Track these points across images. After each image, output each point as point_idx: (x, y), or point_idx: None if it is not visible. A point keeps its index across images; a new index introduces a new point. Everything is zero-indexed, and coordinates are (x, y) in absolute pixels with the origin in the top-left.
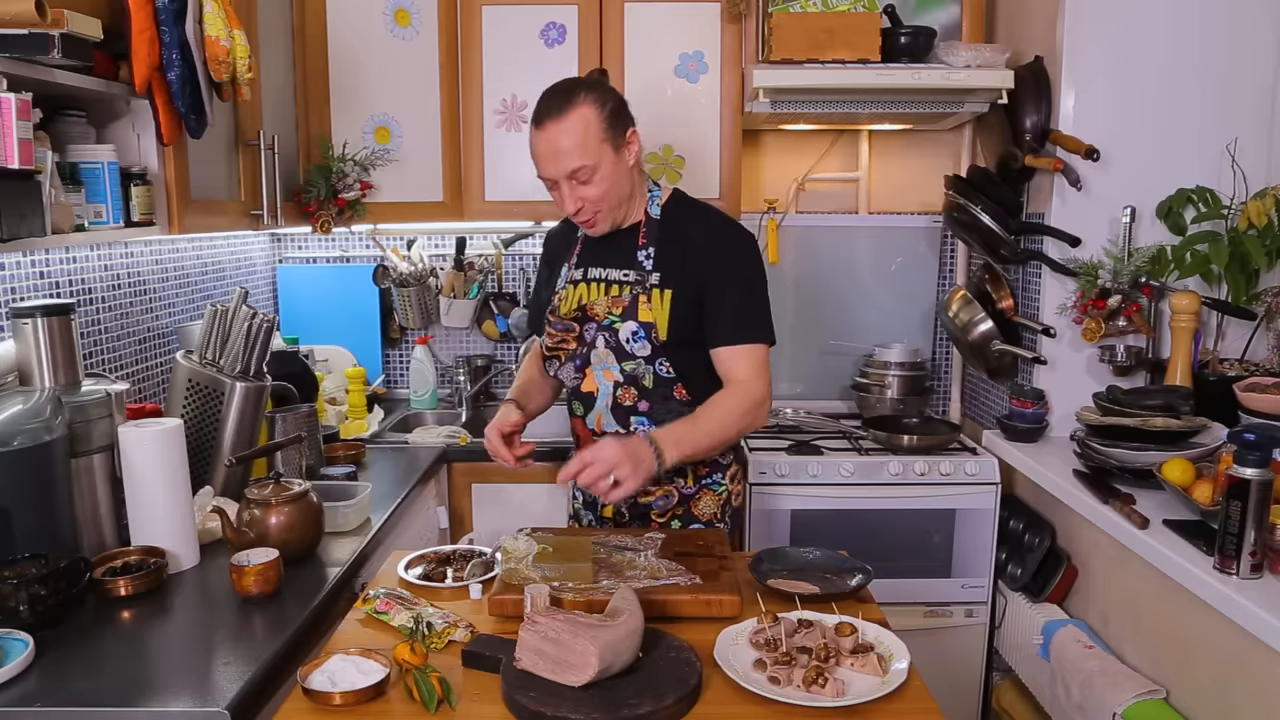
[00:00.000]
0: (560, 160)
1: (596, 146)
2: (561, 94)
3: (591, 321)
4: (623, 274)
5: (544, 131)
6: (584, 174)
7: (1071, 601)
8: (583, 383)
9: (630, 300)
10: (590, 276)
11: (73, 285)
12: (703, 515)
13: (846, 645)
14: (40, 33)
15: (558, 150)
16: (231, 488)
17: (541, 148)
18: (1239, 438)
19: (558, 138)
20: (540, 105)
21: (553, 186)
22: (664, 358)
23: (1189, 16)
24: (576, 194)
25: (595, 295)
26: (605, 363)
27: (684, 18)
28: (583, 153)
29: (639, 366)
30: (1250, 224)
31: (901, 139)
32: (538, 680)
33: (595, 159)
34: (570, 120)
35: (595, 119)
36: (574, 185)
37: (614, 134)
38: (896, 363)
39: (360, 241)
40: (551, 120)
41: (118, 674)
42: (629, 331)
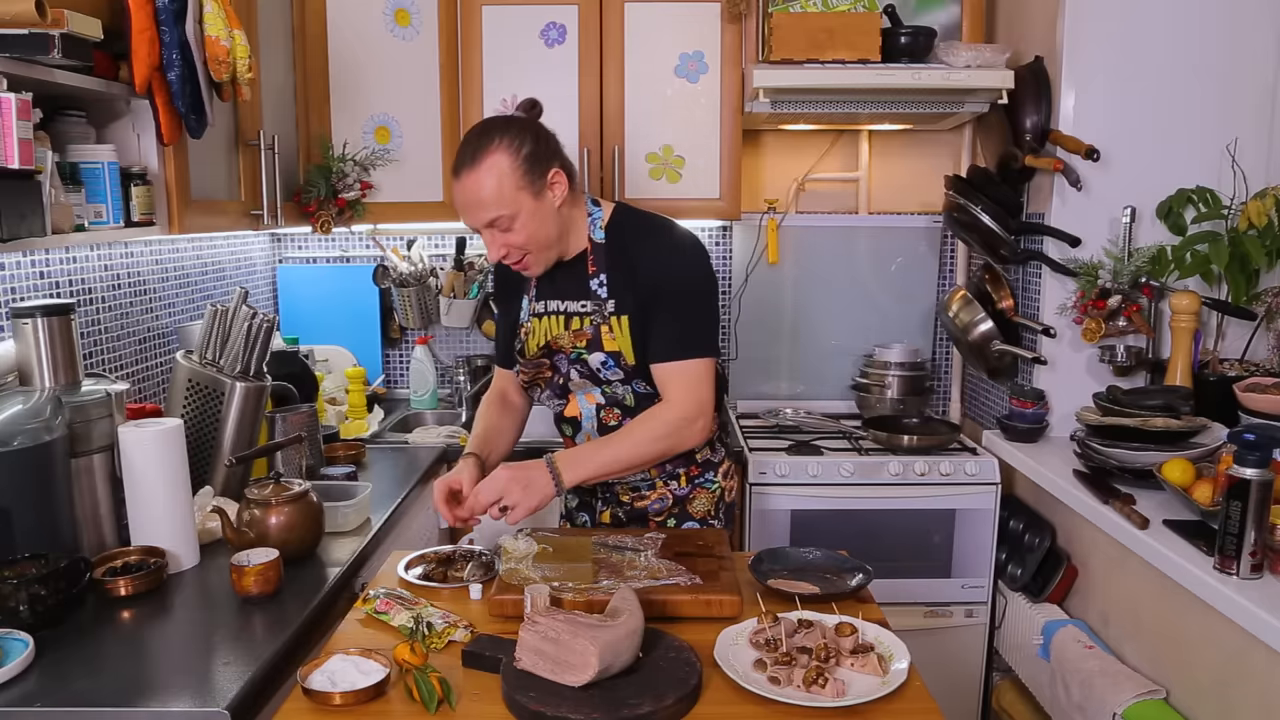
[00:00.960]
0: (476, 211)
1: (512, 195)
2: (474, 141)
3: (560, 354)
4: (580, 305)
5: (460, 182)
6: (503, 223)
7: (1071, 601)
8: (565, 408)
9: (593, 331)
10: (550, 309)
11: (73, 285)
12: (697, 514)
13: (846, 645)
14: (40, 33)
15: (472, 201)
16: (231, 488)
17: (459, 199)
18: (1239, 438)
19: (471, 188)
20: (458, 153)
21: (480, 234)
22: (638, 379)
23: (1189, 16)
24: (500, 241)
25: (557, 329)
26: (586, 387)
27: (684, 18)
28: (498, 203)
29: (618, 389)
30: (1250, 224)
31: (901, 139)
32: (538, 680)
33: (512, 208)
34: (482, 170)
35: (509, 167)
36: (495, 233)
37: (532, 179)
38: (896, 363)
39: (360, 241)
40: (466, 170)
41: (118, 674)
42: (597, 362)
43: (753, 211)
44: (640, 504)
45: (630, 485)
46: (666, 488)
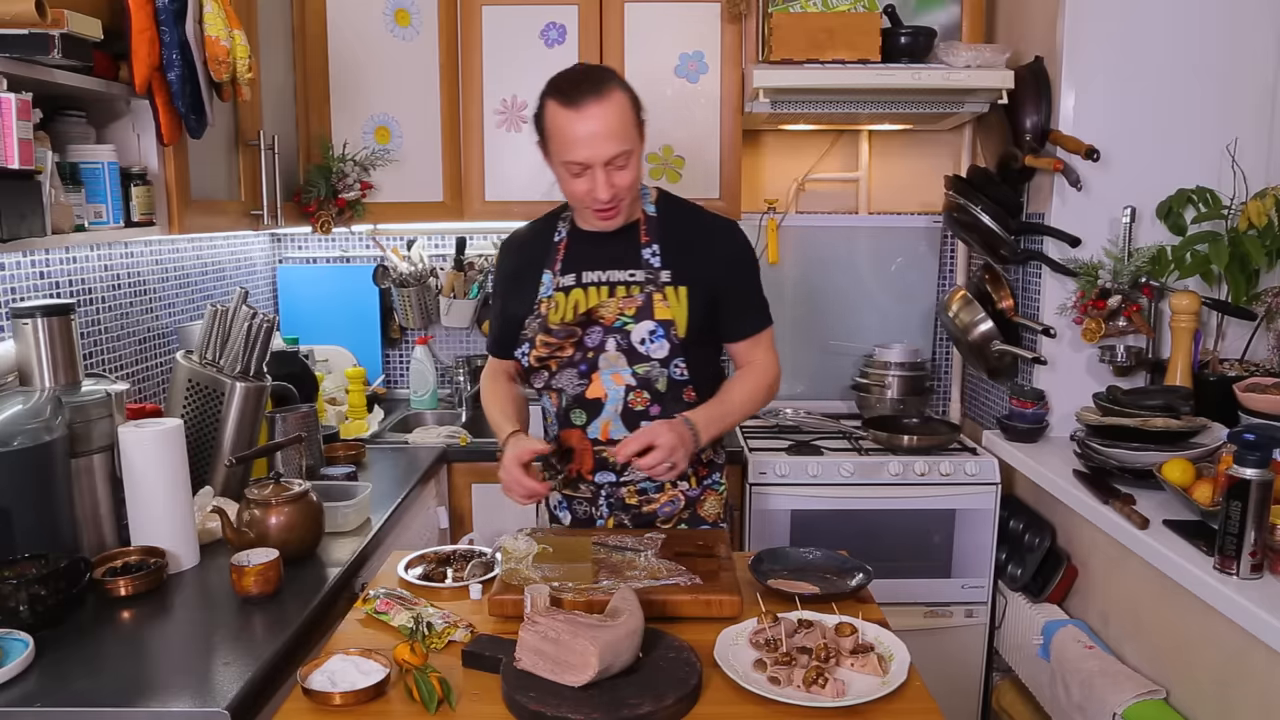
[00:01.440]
0: (604, 143)
1: (632, 131)
2: (594, 76)
3: (596, 326)
4: (628, 274)
5: (582, 112)
6: (621, 159)
7: (1071, 601)
8: (587, 389)
9: (644, 299)
10: (586, 281)
11: (73, 285)
12: (709, 516)
13: (846, 645)
14: (40, 33)
15: (601, 132)
16: (231, 488)
17: (581, 129)
18: (1239, 438)
19: (600, 119)
20: (568, 86)
21: (580, 173)
22: (680, 358)
23: (1189, 16)
24: (611, 180)
25: (599, 298)
26: (615, 366)
27: (684, 18)
28: (624, 137)
29: (653, 369)
30: (1250, 224)
31: (901, 139)
32: (538, 680)
33: (632, 143)
34: (611, 102)
35: (628, 103)
36: (609, 171)
37: (639, 121)
38: (896, 363)
39: (360, 241)
40: (592, 101)
41: (118, 674)
42: (645, 331)
43: (753, 211)
44: (649, 508)
45: (638, 488)
46: (676, 489)
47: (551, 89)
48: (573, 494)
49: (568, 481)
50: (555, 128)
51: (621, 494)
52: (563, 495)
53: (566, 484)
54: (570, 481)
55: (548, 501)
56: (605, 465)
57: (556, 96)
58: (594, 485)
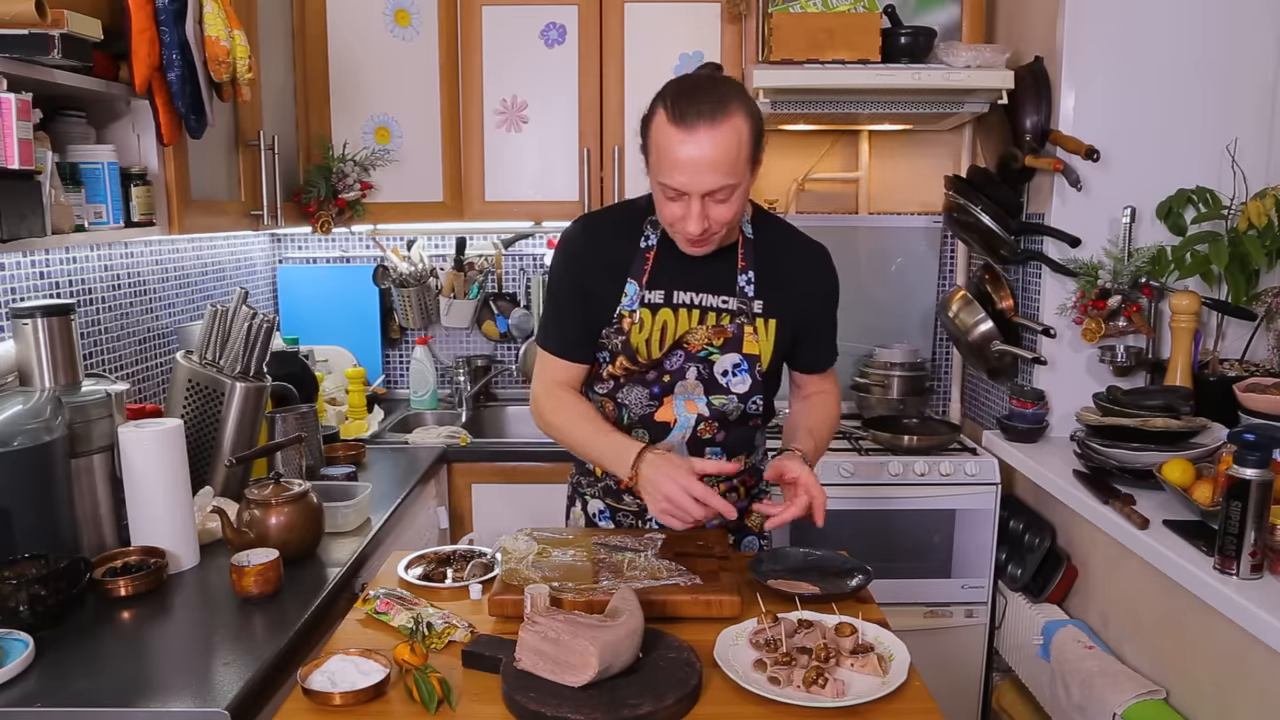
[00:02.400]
0: (706, 175)
1: (744, 165)
2: (715, 94)
3: (680, 350)
4: (721, 300)
5: (693, 135)
6: (723, 194)
7: (1071, 601)
8: (656, 411)
9: (735, 331)
10: (677, 301)
11: (73, 285)
12: (754, 527)
13: (846, 645)
14: (40, 33)
15: (705, 163)
16: (231, 488)
17: (685, 153)
18: (1239, 438)
19: (709, 148)
20: (684, 99)
21: (675, 198)
22: (760, 395)
23: (1189, 16)
24: (708, 213)
25: (689, 324)
26: (691, 394)
27: (684, 18)
28: (731, 170)
29: (729, 402)
30: (1250, 224)
31: (901, 139)
32: (538, 680)
33: (739, 179)
34: (725, 130)
35: (747, 134)
36: (707, 203)
37: (755, 153)
38: (896, 363)
39: (360, 241)
40: (705, 125)
41: (118, 674)
42: (729, 364)
43: None
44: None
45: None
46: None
47: (666, 95)
48: (616, 504)
49: (609, 491)
50: (658, 142)
51: None
52: (606, 504)
53: (608, 493)
54: (613, 491)
55: (586, 507)
56: None
57: (669, 107)
58: (639, 502)
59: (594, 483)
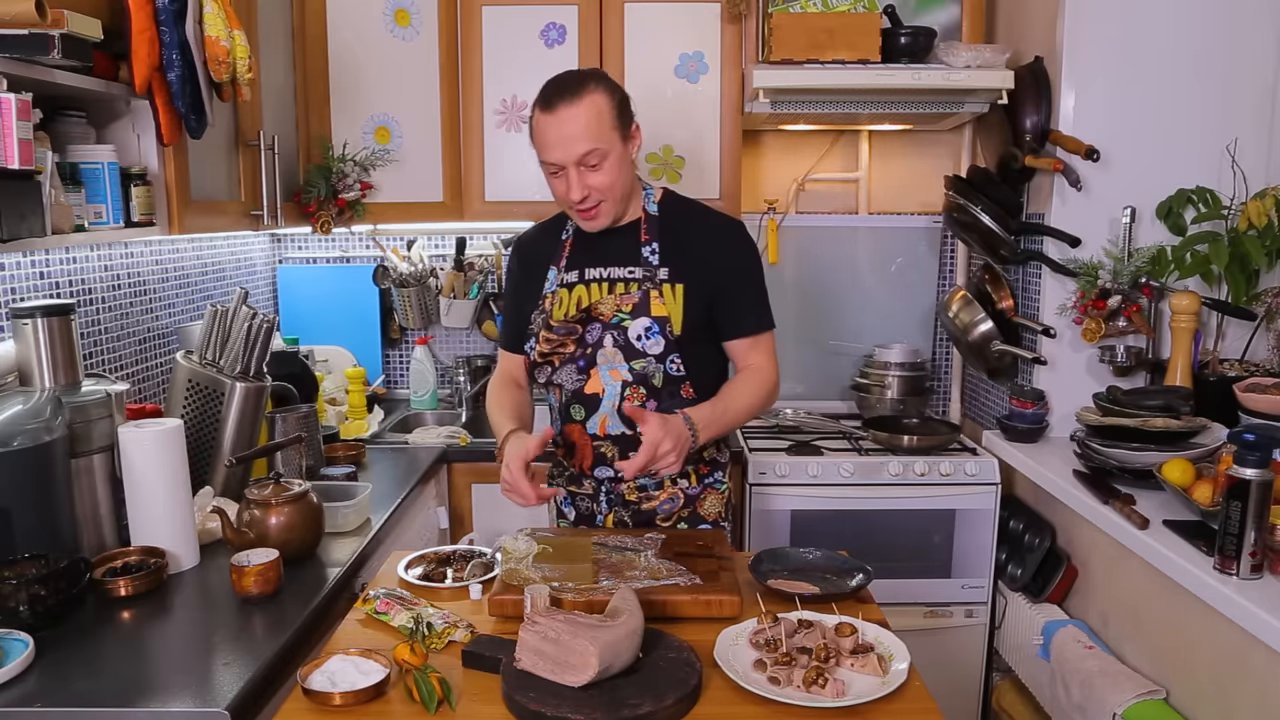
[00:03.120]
0: (572, 144)
1: (608, 133)
2: (573, 81)
3: (596, 322)
4: (627, 271)
5: (555, 114)
6: (594, 157)
7: (1071, 601)
8: (586, 384)
9: (641, 296)
10: (588, 278)
11: (73, 285)
12: (709, 515)
13: (846, 645)
14: (40, 33)
15: (571, 134)
16: (231, 488)
17: (552, 132)
18: (1239, 438)
19: (570, 121)
20: (549, 90)
21: (557, 173)
22: (676, 354)
23: (1189, 17)
24: (585, 180)
25: (598, 295)
26: (612, 362)
27: (684, 18)
28: (595, 137)
29: (649, 365)
30: (1250, 224)
31: (901, 139)
32: (538, 680)
33: (607, 144)
34: (584, 105)
35: (607, 106)
36: (582, 172)
37: (622, 124)
38: (896, 363)
39: (360, 241)
40: (564, 103)
41: (118, 674)
42: (641, 328)
43: (753, 211)
44: (648, 505)
45: (638, 484)
46: (676, 486)
47: (538, 94)
48: (576, 490)
49: (572, 478)
50: (535, 130)
51: (621, 490)
52: (567, 492)
53: (571, 480)
54: (575, 478)
55: (555, 497)
56: (604, 461)
57: (539, 99)
58: (595, 481)
59: (561, 471)
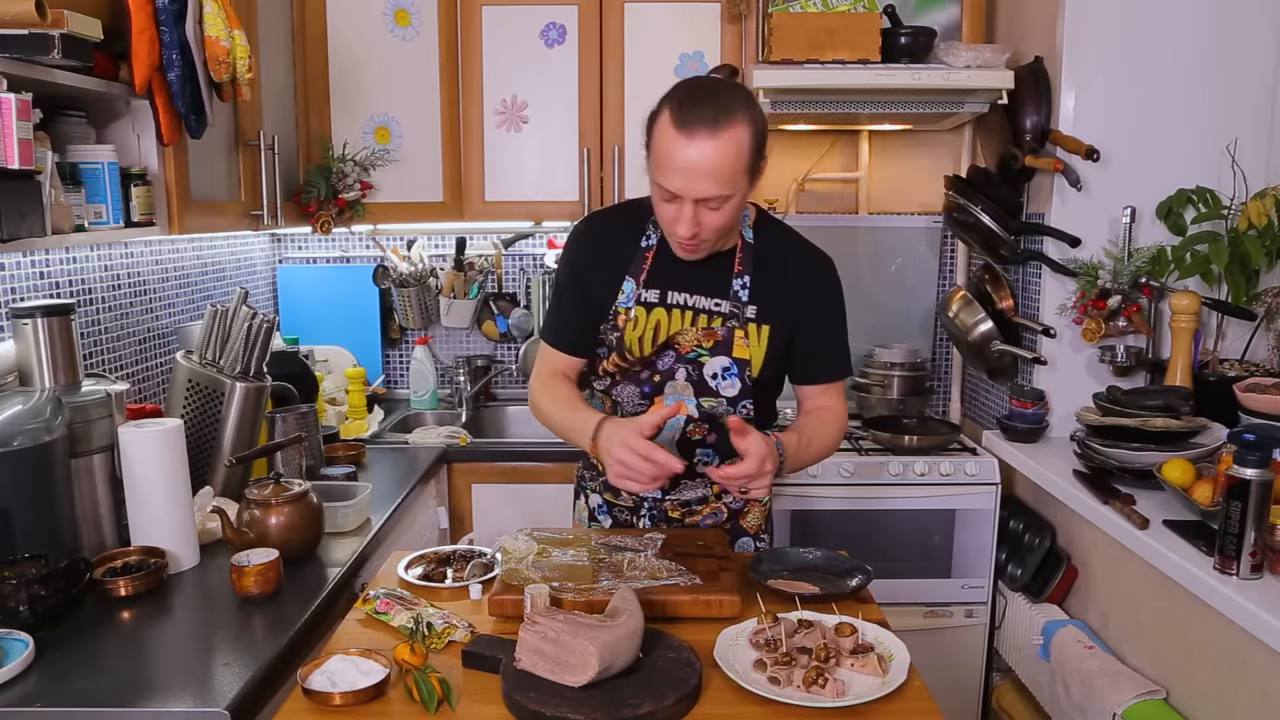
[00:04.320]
0: (701, 182)
1: (740, 175)
2: (719, 102)
3: (671, 351)
4: (714, 303)
5: (693, 141)
6: (717, 202)
7: (1071, 601)
8: (647, 410)
9: (725, 333)
10: (671, 302)
11: (73, 285)
12: (751, 529)
13: (846, 645)
14: (40, 33)
15: (702, 171)
16: (231, 488)
17: (682, 159)
18: (1239, 438)
19: (707, 157)
20: (689, 104)
21: (669, 199)
22: (750, 400)
23: (1189, 17)
24: (699, 218)
25: (680, 325)
26: (681, 395)
27: (684, 18)
28: (728, 181)
29: (719, 405)
30: (1250, 224)
31: (901, 139)
32: (538, 680)
33: (734, 189)
34: (725, 140)
35: (748, 145)
36: (700, 209)
37: (755, 163)
38: (896, 363)
39: (360, 241)
40: (705, 132)
41: (118, 674)
42: (719, 367)
43: None
44: (691, 519)
45: (681, 500)
46: (720, 501)
47: (673, 97)
48: (614, 500)
49: (610, 486)
50: (659, 143)
51: (665, 506)
52: (604, 500)
53: (608, 488)
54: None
55: (588, 501)
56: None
57: (673, 110)
58: (637, 496)
59: (595, 477)
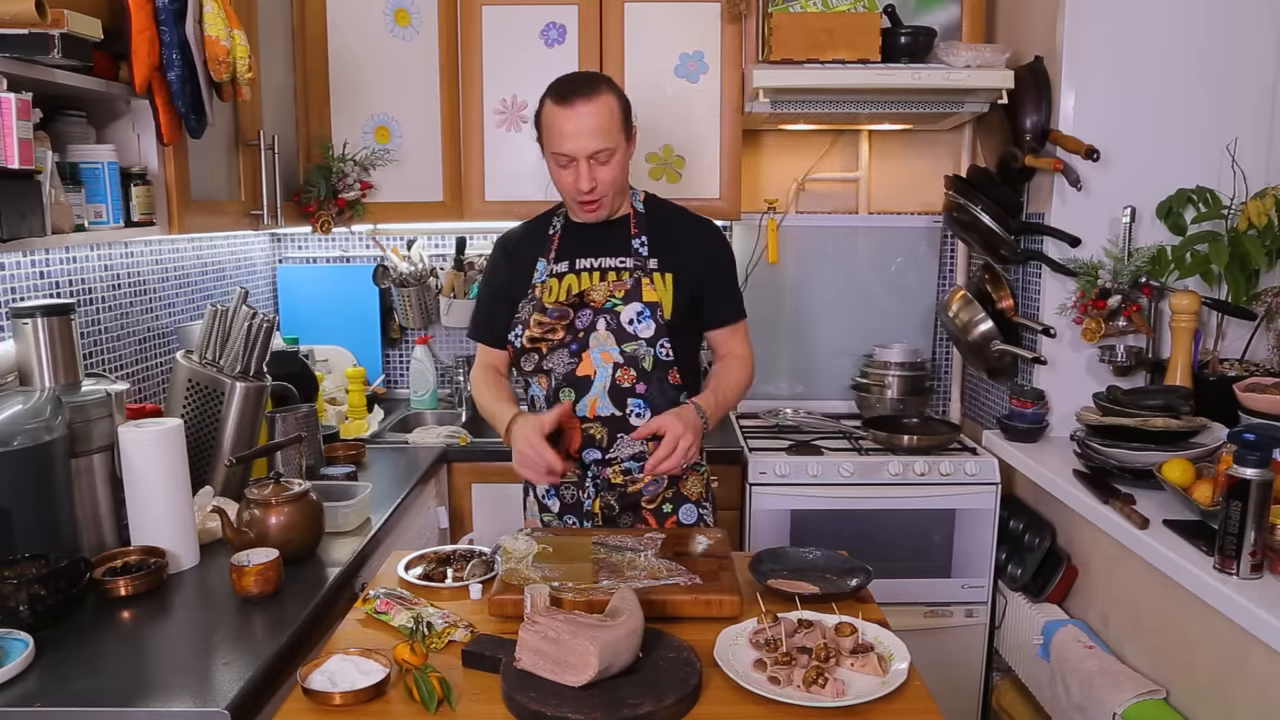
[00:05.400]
0: (587, 139)
1: (617, 132)
2: (587, 79)
3: (587, 308)
4: (618, 261)
5: (573, 109)
6: (604, 155)
7: (1071, 601)
8: (578, 367)
9: (633, 283)
10: (579, 267)
11: (73, 285)
12: (691, 495)
13: (846, 645)
14: (40, 33)
15: (586, 129)
16: (231, 488)
17: (569, 125)
18: (1239, 438)
19: (587, 117)
20: (564, 86)
21: (566, 164)
22: (666, 338)
23: (1189, 16)
24: (594, 174)
25: (590, 282)
26: (605, 345)
27: (684, 18)
28: (607, 135)
29: (640, 348)
30: (1250, 224)
31: (901, 139)
32: (538, 680)
33: (615, 143)
34: (599, 103)
35: (617, 107)
36: (592, 165)
37: (627, 124)
38: (896, 363)
39: (360, 241)
40: (581, 100)
41: (118, 674)
42: (633, 312)
43: (753, 211)
44: (634, 488)
45: (623, 467)
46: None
47: (550, 88)
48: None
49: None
50: (548, 122)
51: (607, 474)
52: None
53: None
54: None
55: (534, 489)
56: (592, 443)
57: (552, 95)
58: (581, 465)
59: None
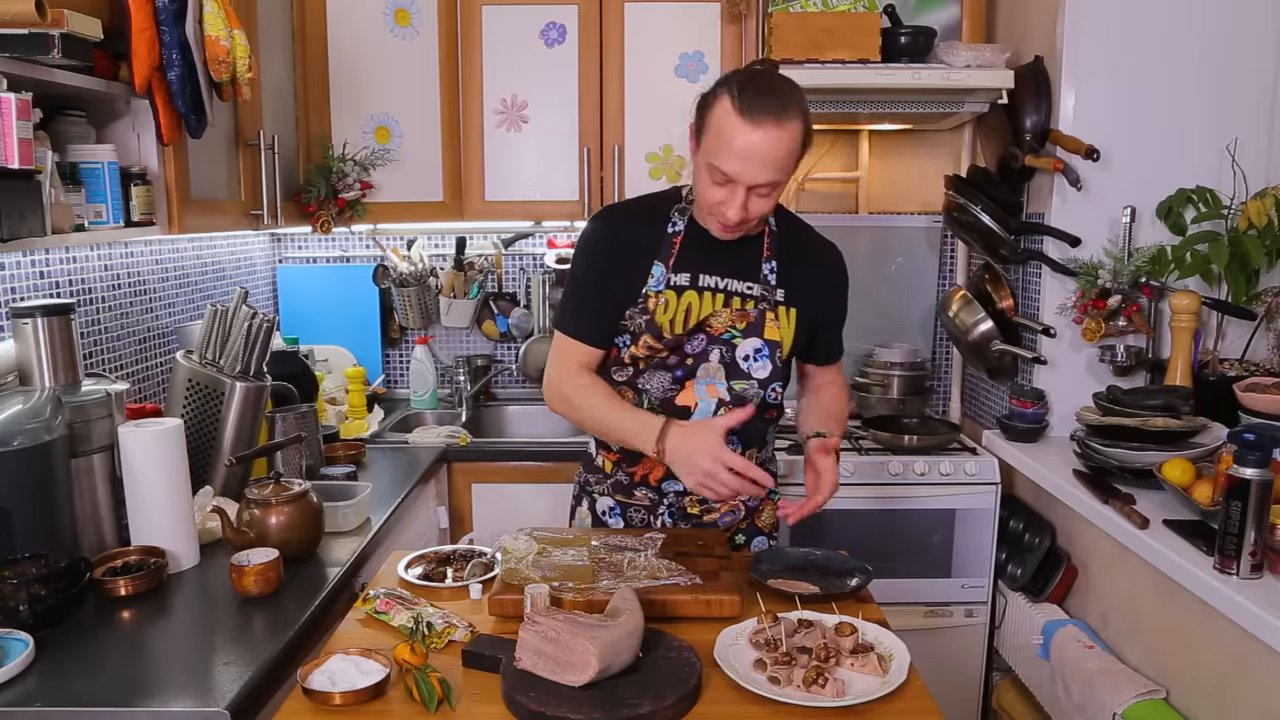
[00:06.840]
0: (759, 169)
1: (793, 166)
2: (781, 94)
3: (702, 334)
4: (745, 286)
5: (759, 130)
6: (767, 189)
7: (1071, 601)
8: (678, 395)
9: (757, 315)
10: (703, 284)
11: (73, 285)
12: (765, 527)
13: (846, 645)
14: (40, 33)
15: (764, 157)
16: (231, 488)
17: (744, 145)
18: (1239, 438)
19: (770, 144)
20: (754, 97)
21: (722, 182)
22: (778, 382)
23: (1189, 16)
24: (750, 204)
25: (712, 307)
26: (713, 378)
27: (684, 18)
28: (782, 169)
29: (750, 389)
30: (1250, 224)
31: (901, 139)
32: (538, 680)
33: (786, 177)
34: (787, 130)
35: (800, 135)
36: (751, 195)
37: (802, 156)
38: (896, 363)
39: (360, 241)
40: (772, 122)
41: (118, 674)
42: (750, 348)
43: None
44: (709, 517)
45: (699, 496)
46: (738, 499)
47: (735, 85)
48: (627, 500)
49: (620, 487)
50: (719, 127)
51: (684, 503)
52: (616, 501)
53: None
54: (625, 487)
55: (594, 505)
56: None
57: (736, 97)
58: (656, 493)
59: (603, 479)
